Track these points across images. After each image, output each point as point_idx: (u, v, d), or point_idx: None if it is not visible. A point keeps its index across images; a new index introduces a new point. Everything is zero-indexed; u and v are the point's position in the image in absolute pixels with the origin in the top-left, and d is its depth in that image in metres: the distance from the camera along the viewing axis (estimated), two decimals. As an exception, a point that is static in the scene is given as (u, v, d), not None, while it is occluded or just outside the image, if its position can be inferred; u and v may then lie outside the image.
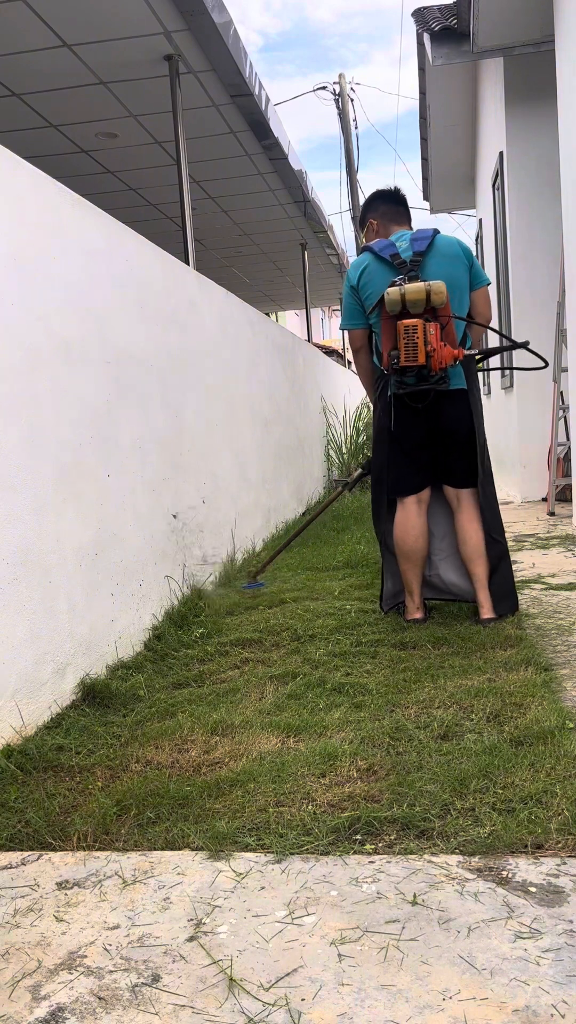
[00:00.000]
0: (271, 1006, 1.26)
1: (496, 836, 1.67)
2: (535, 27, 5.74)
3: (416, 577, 3.36)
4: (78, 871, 1.70)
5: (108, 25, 4.51)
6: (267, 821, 1.81)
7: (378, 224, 3.49)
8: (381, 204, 3.51)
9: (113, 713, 2.60)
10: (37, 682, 2.47)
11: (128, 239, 3.41)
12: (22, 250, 2.52)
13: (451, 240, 3.29)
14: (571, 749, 2.02)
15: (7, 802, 1.99)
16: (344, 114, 19.15)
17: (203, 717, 2.45)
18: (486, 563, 3.30)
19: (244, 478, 5.16)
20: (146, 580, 3.35)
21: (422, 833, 1.73)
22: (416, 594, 3.38)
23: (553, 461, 6.35)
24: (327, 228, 9.23)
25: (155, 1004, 1.29)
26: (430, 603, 3.55)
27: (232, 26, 4.85)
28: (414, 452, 3.31)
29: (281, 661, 2.99)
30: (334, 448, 9.22)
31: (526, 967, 1.31)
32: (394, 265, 3.20)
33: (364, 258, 3.33)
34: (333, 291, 13.44)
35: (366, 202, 3.58)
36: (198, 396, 4.22)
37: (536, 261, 6.80)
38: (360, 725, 2.30)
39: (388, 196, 3.53)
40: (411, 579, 3.36)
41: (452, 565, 3.47)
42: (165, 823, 1.83)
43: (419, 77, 8.15)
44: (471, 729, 2.23)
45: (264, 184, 7.43)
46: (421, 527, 3.33)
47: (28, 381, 2.50)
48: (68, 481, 2.72)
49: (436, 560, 3.49)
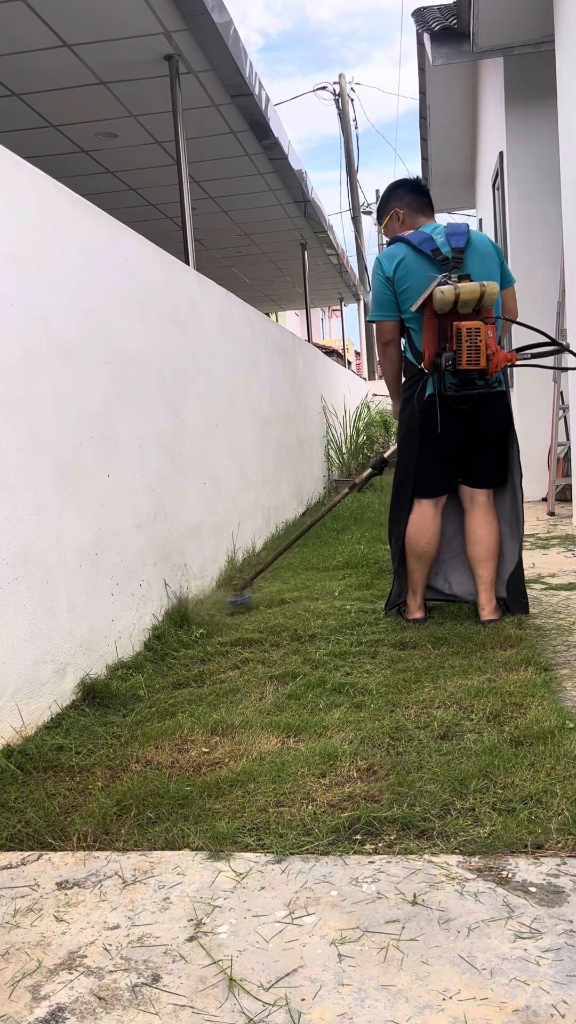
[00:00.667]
0: (271, 1006, 1.26)
1: (496, 836, 1.68)
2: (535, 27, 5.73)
3: (423, 577, 3.36)
4: (78, 871, 1.70)
5: (108, 25, 4.50)
6: (267, 821, 1.81)
7: (404, 214, 3.40)
8: (407, 194, 3.42)
9: (113, 713, 2.60)
10: (37, 682, 2.47)
11: (128, 239, 3.41)
12: (22, 250, 2.52)
13: (484, 237, 3.27)
14: (571, 749, 2.03)
15: (7, 802, 1.99)
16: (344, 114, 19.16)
17: (203, 717, 2.45)
18: (494, 566, 3.28)
19: (244, 478, 5.16)
20: (146, 580, 3.35)
21: (422, 833, 1.73)
22: (419, 594, 3.38)
23: (553, 461, 6.35)
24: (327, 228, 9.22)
25: (155, 1004, 1.29)
26: (430, 603, 3.54)
27: (232, 26, 4.85)
28: (448, 454, 3.25)
29: (281, 661, 2.99)
30: (334, 448, 9.22)
31: (526, 967, 1.31)
32: (435, 260, 3.14)
33: (399, 249, 3.23)
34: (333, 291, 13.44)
35: (388, 190, 3.47)
36: (198, 396, 4.22)
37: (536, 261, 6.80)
38: (360, 725, 2.30)
39: (413, 186, 3.44)
40: (418, 579, 3.36)
41: (459, 565, 3.46)
42: (165, 823, 1.84)
43: (419, 77, 8.15)
44: (471, 729, 2.23)
45: (264, 184, 7.43)
46: (436, 528, 3.31)
47: (28, 381, 2.50)
48: (68, 481, 2.72)
49: (444, 559, 3.46)
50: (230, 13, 4.77)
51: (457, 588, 3.48)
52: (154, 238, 4.02)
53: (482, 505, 3.30)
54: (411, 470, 3.31)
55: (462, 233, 3.19)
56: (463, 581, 3.46)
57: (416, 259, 3.17)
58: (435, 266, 3.13)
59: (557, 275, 6.41)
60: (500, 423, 3.25)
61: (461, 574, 3.46)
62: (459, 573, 3.47)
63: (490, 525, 3.28)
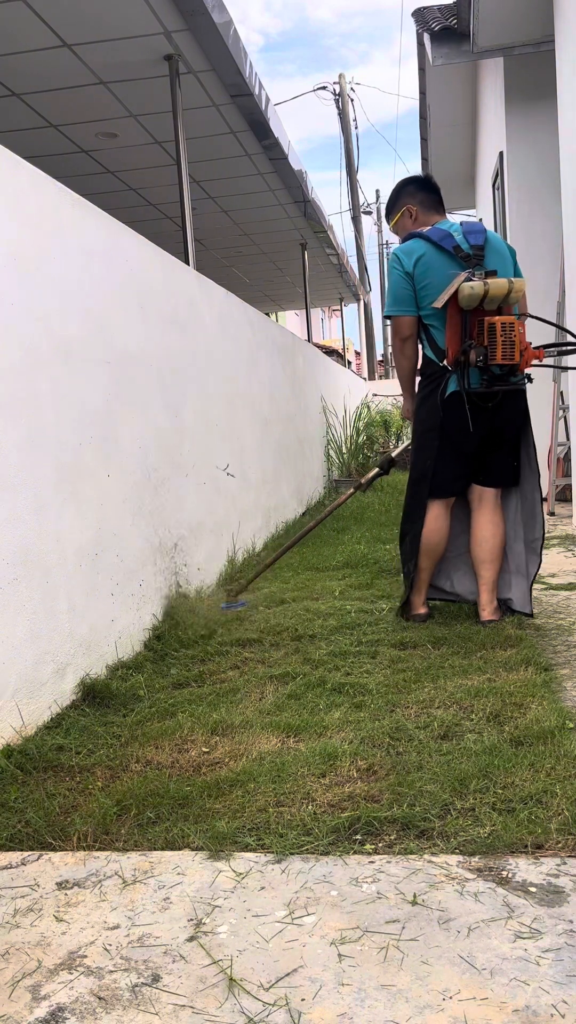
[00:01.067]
0: (271, 1006, 1.26)
1: (496, 836, 1.68)
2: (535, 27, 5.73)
3: (429, 575, 3.37)
4: (78, 871, 1.70)
5: (108, 25, 4.50)
6: (267, 821, 1.81)
7: (417, 211, 3.38)
8: (419, 191, 3.40)
9: (113, 713, 2.60)
10: (37, 682, 2.47)
11: (128, 239, 3.41)
12: (22, 250, 2.52)
13: (498, 236, 3.28)
14: (571, 749, 2.03)
15: (7, 802, 1.99)
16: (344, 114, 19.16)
17: (203, 717, 2.45)
18: (498, 567, 3.28)
19: (244, 478, 5.16)
20: (146, 580, 3.35)
21: (422, 833, 1.73)
22: (423, 591, 3.38)
23: (553, 461, 6.35)
24: (327, 228, 9.22)
25: (155, 1004, 1.29)
26: (431, 603, 3.54)
27: (232, 26, 4.84)
28: (469, 452, 3.23)
29: (281, 661, 2.99)
30: (334, 448, 9.22)
31: (526, 967, 1.31)
32: (456, 257, 3.13)
33: (418, 245, 3.20)
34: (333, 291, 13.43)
35: (399, 187, 3.45)
36: (198, 396, 4.22)
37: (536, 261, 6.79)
38: (360, 725, 2.30)
39: (424, 183, 3.43)
40: (424, 577, 3.36)
41: (462, 564, 3.45)
42: (165, 823, 1.84)
43: (419, 77, 8.15)
44: (471, 729, 2.23)
45: (264, 184, 7.43)
46: (447, 527, 3.31)
47: (28, 381, 2.50)
48: (68, 481, 2.72)
49: (448, 556, 3.45)
50: (230, 13, 4.77)
51: (459, 587, 3.47)
52: (154, 238, 4.02)
53: (490, 505, 3.28)
54: (428, 470, 3.27)
55: (480, 231, 3.19)
56: (465, 580, 3.45)
57: (436, 255, 3.16)
58: (456, 263, 3.12)
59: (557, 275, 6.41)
60: (518, 420, 3.24)
61: (464, 573, 3.46)
62: (462, 572, 3.46)
63: (496, 526, 3.27)
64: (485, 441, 3.22)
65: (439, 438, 3.22)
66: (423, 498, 3.30)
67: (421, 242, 3.20)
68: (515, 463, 3.29)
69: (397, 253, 3.25)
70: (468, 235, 3.17)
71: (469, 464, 3.27)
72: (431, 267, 3.15)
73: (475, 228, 3.20)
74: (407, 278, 3.21)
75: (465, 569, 3.45)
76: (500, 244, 3.24)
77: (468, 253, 3.13)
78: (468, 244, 3.15)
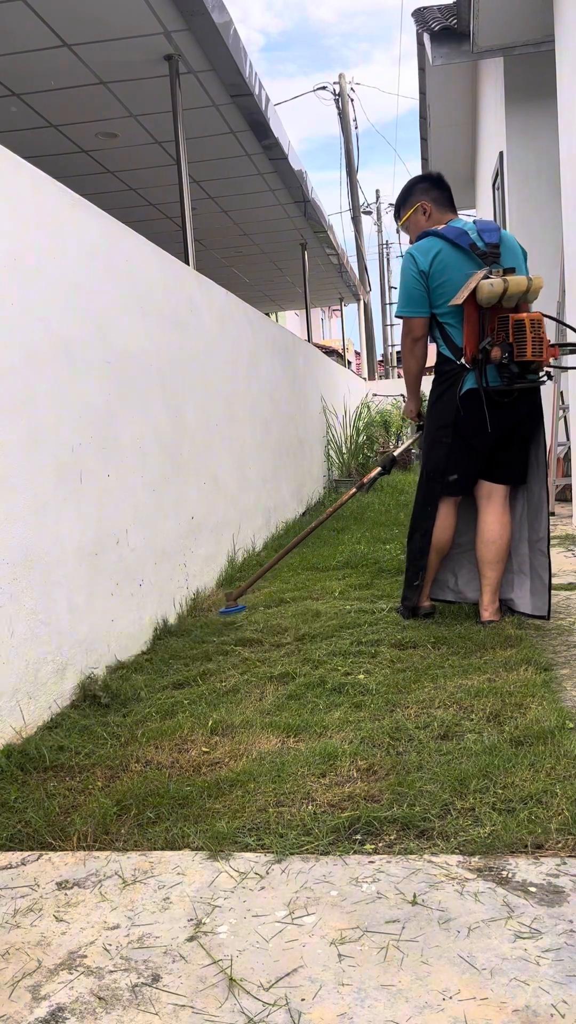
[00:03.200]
0: (271, 1006, 1.26)
1: (496, 836, 1.67)
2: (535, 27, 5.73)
3: (435, 570, 3.38)
4: (78, 871, 1.70)
5: (108, 25, 4.50)
6: (267, 821, 1.81)
7: (431, 208, 3.36)
8: (433, 189, 3.38)
9: (113, 713, 2.60)
10: (37, 682, 2.47)
11: (128, 239, 3.41)
12: (22, 250, 2.52)
13: (511, 235, 3.28)
14: (571, 749, 2.02)
15: (7, 802, 1.99)
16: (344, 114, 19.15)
17: (203, 717, 2.45)
18: (502, 568, 3.26)
19: (244, 478, 5.16)
20: (146, 580, 3.35)
21: (422, 833, 1.73)
22: (428, 584, 3.39)
23: (553, 461, 6.35)
24: (327, 228, 9.22)
25: (155, 1004, 1.29)
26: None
27: (232, 26, 4.85)
28: (482, 450, 3.21)
29: (281, 661, 2.99)
30: (334, 448, 9.22)
31: (526, 967, 1.31)
32: (473, 255, 3.12)
33: (433, 243, 3.18)
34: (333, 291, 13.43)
35: (411, 184, 3.43)
36: (198, 396, 4.22)
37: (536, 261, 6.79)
38: (360, 725, 2.30)
39: (437, 181, 3.41)
40: (432, 573, 3.37)
41: (466, 561, 3.45)
42: (165, 823, 1.83)
43: (419, 77, 8.15)
44: (471, 729, 2.23)
45: (264, 184, 7.43)
46: (455, 523, 3.32)
47: (28, 381, 2.50)
48: (68, 481, 2.72)
49: (452, 553, 3.44)
50: (230, 13, 4.77)
51: (463, 585, 3.47)
52: (154, 238, 4.02)
53: (499, 502, 3.26)
54: (441, 467, 3.26)
55: (495, 229, 3.18)
56: (469, 578, 3.45)
57: (453, 253, 3.14)
58: (473, 261, 3.11)
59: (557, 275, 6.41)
60: (534, 417, 3.23)
61: (468, 571, 3.45)
62: (466, 569, 3.46)
63: (504, 527, 3.25)
64: (499, 439, 3.21)
65: (452, 435, 3.21)
66: (435, 495, 3.29)
67: (437, 240, 3.18)
68: (525, 462, 3.29)
69: (412, 252, 3.22)
70: (483, 233, 3.16)
71: (481, 462, 3.26)
72: (448, 265, 3.14)
73: (490, 227, 3.19)
74: (421, 277, 3.19)
75: (470, 567, 3.44)
76: (514, 243, 3.23)
77: (484, 251, 3.12)
78: (483, 242, 3.14)
